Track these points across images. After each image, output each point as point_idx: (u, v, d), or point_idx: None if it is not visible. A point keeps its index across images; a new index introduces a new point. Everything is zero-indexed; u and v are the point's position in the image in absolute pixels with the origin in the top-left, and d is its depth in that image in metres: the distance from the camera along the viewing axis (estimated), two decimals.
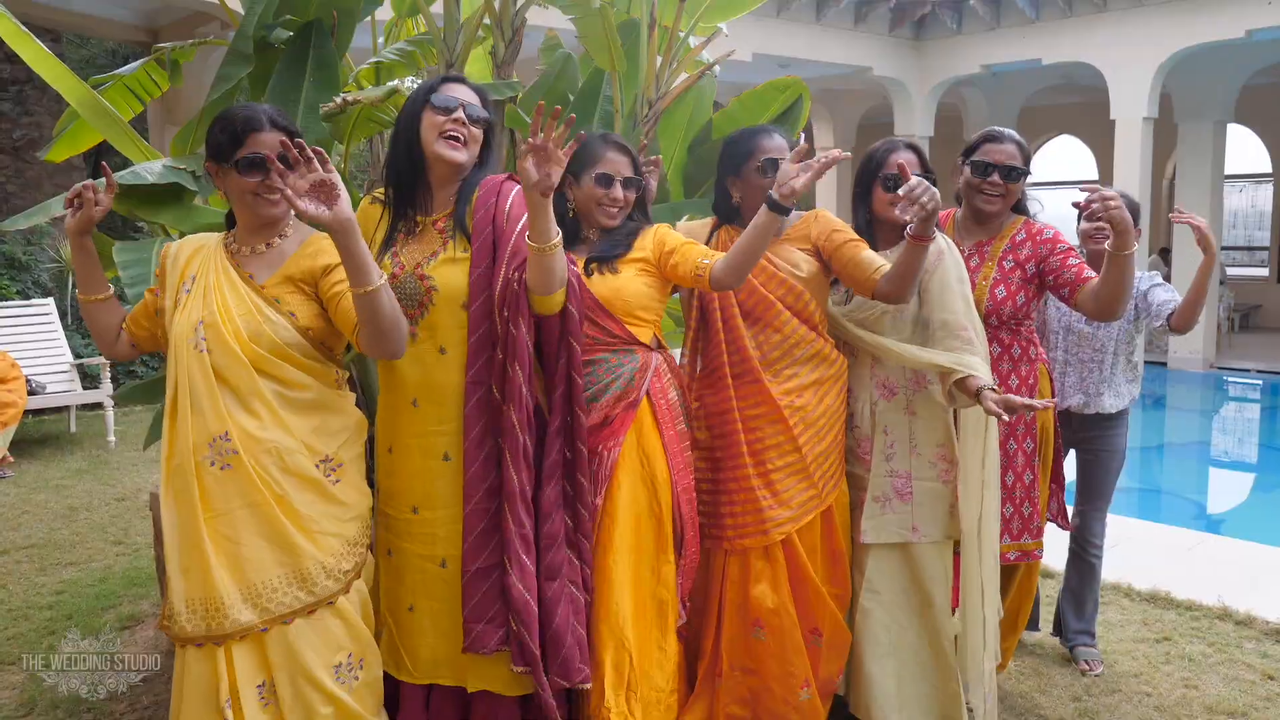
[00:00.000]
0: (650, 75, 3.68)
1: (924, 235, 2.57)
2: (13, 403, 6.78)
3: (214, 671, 2.29)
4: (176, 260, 2.46)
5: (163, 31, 9.43)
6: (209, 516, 2.28)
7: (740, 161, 2.90)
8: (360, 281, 2.18)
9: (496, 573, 2.52)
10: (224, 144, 2.34)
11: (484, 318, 2.49)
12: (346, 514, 2.41)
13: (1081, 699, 3.43)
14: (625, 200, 2.77)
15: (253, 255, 2.42)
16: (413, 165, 2.54)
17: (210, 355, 2.30)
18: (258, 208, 2.37)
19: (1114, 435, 3.61)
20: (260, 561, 2.28)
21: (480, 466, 2.51)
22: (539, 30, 4.07)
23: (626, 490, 2.69)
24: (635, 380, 2.72)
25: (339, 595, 2.37)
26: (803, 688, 2.84)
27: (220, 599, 2.25)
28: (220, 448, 2.28)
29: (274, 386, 2.33)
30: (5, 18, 3.11)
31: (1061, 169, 19.19)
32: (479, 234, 2.51)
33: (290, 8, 3.26)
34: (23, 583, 4.54)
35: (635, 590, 2.68)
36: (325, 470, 2.38)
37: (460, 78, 2.60)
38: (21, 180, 11.14)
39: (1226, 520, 7.47)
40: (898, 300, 2.72)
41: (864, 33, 12.88)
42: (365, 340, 2.27)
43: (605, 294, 2.70)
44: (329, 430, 2.41)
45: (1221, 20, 10.84)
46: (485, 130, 2.56)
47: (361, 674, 2.42)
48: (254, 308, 2.34)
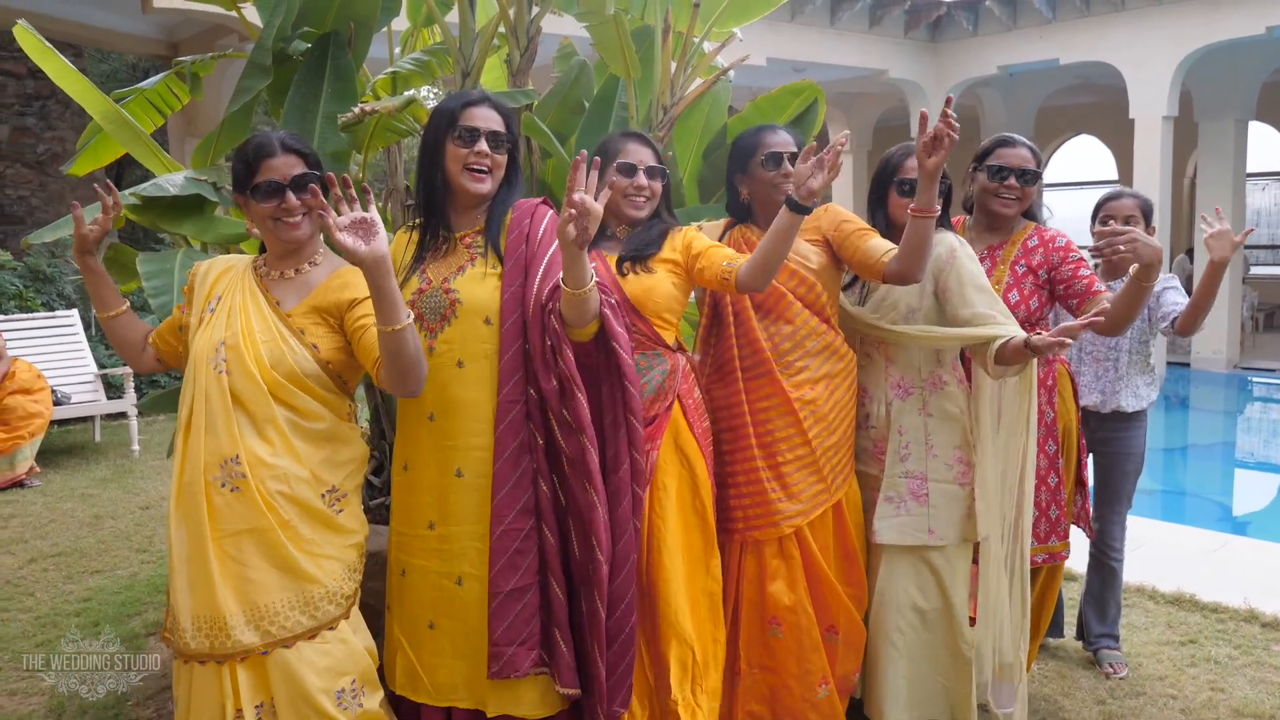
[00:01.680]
0: (665, 81, 3.69)
1: (927, 208, 2.56)
2: (39, 413, 6.86)
3: (219, 690, 2.29)
4: (205, 279, 2.48)
5: (182, 45, 9.54)
6: (216, 536, 2.28)
7: (746, 158, 2.92)
8: (388, 319, 2.18)
9: (531, 593, 2.50)
10: (241, 173, 2.38)
11: (517, 336, 2.50)
12: (348, 540, 2.41)
13: (1106, 702, 3.40)
14: (651, 189, 2.77)
15: (281, 280, 2.43)
16: (439, 189, 2.56)
17: (229, 377, 2.30)
18: (279, 231, 2.39)
19: (1130, 437, 3.59)
20: (265, 585, 2.28)
21: (514, 486, 2.49)
22: (554, 38, 4.09)
23: (673, 491, 2.71)
24: (667, 383, 2.74)
25: (340, 620, 2.37)
26: (821, 685, 2.84)
27: (224, 619, 2.25)
28: (230, 470, 2.28)
29: (288, 414, 2.33)
30: (30, 34, 3.16)
31: (1080, 169, 19.06)
32: (512, 253, 2.52)
33: (308, 20, 3.29)
34: (50, 590, 4.59)
35: (690, 587, 2.70)
36: (330, 500, 2.38)
37: (482, 98, 2.58)
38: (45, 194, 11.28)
39: (1252, 522, 7.41)
40: (908, 280, 2.69)
41: (879, 35, 12.85)
42: (386, 377, 2.29)
43: (637, 293, 2.71)
44: (337, 461, 2.41)
45: (1241, 17, 10.76)
46: (511, 150, 2.58)
47: (365, 701, 2.40)
48: (278, 334, 2.35)
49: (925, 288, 2.89)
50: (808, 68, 12.00)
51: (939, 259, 2.87)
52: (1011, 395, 2.87)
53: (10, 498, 6.38)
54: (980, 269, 2.90)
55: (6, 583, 4.70)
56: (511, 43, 3.55)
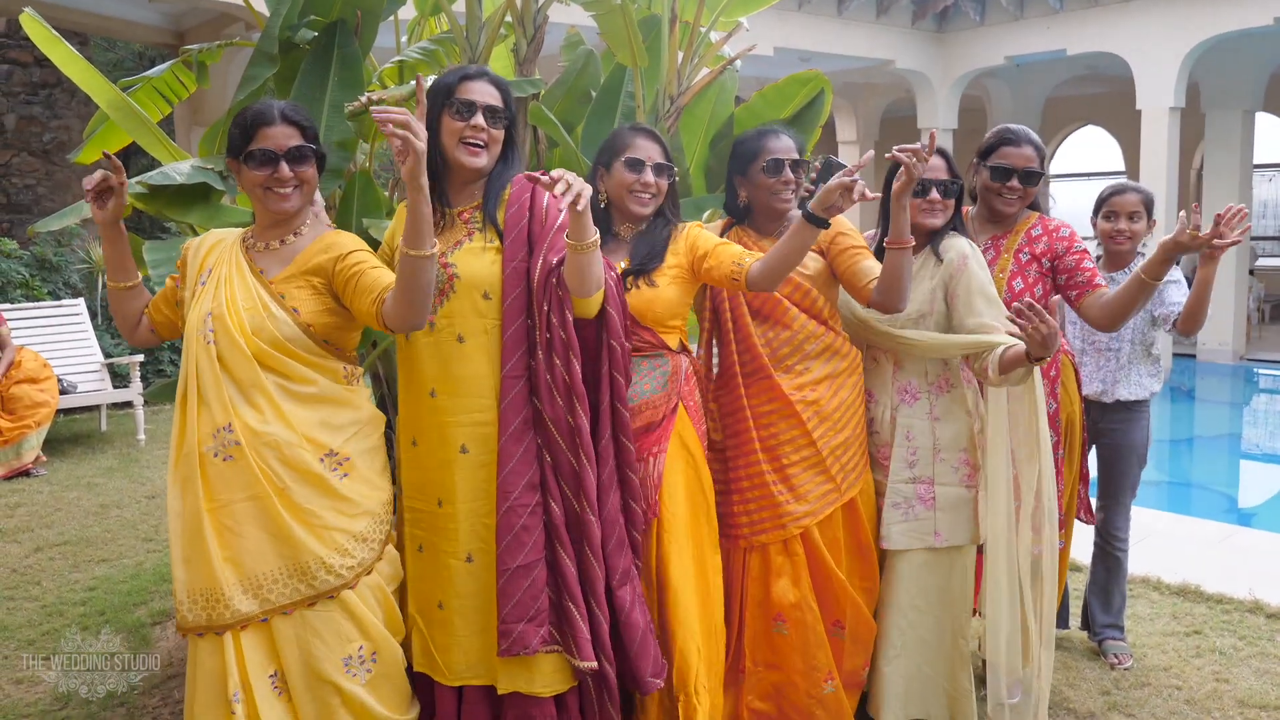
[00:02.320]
0: (672, 71, 3.68)
1: (898, 239, 2.60)
2: (45, 402, 6.87)
3: (222, 664, 2.31)
4: (197, 253, 2.49)
5: (189, 33, 9.52)
6: (211, 507, 2.30)
7: (747, 161, 2.92)
8: (418, 244, 2.19)
9: (539, 569, 2.51)
10: (237, 139, 2.38)
11: (520, 311, 2.50)
12: (353, 509, 2.41)
13: (1111, 693, 3.41)
14: (657, 187, 2.76)
15: (267, 251, 2.44)
16: (436, 163, 2.55)
17: (216, 347, 2.33)
18: (268, 201, 2.39)
19: (1133, 427, 3.59)
20: (260, 553, 2.30)
21: (519, 462, 2.50)
22: (560, 27, 4.08)
23: (682, 493, 2.71)
24: (669, 384, 2.74)
25: (342, 589, 2.37)
26: (827, 681, 2.85)
27: (220, 589, 2.28)
28: (223, 439, 2.30)
29: (276, 380, 2.35)
30: (36, 22, 3.15)
31: (1087, 160, 19.00)
32: (512, 228, 2.52)
33: (315, 8, 3.28)
34: (56, 579, 4.61)
35: (699, 585, 2.71)
36: (330, 465, 2.38)
37: (481, 72, 2.57)
38: (51, 182, 11.28)
39: (1257, 513, 7.40)
40: (890, 310, 2.72)
41: (886, 25, 12.80)
42: (395, 306, 2.27)
43: (639, 306, 2.71)
44: (334, 424, 2.41)
45: (1249, 8, 10.70)
46: (509, 125, 2.57)
47: (375, 667, 2.41)
48: (259, 301, 2.36)
49: (936, 293, 2.90)
50: (814, 57, 11.97)
51: (951, 265, 2.88)
52: (1019, 404, 2.87)
53: (16, 486, 6.39)
54: (989, 276, 2.91)
55: (12, 572, 4.72)
56: (518, 31, 3.54)
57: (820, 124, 3.79)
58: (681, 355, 2.80)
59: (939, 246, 2.93)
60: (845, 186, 2.44)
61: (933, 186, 2.88)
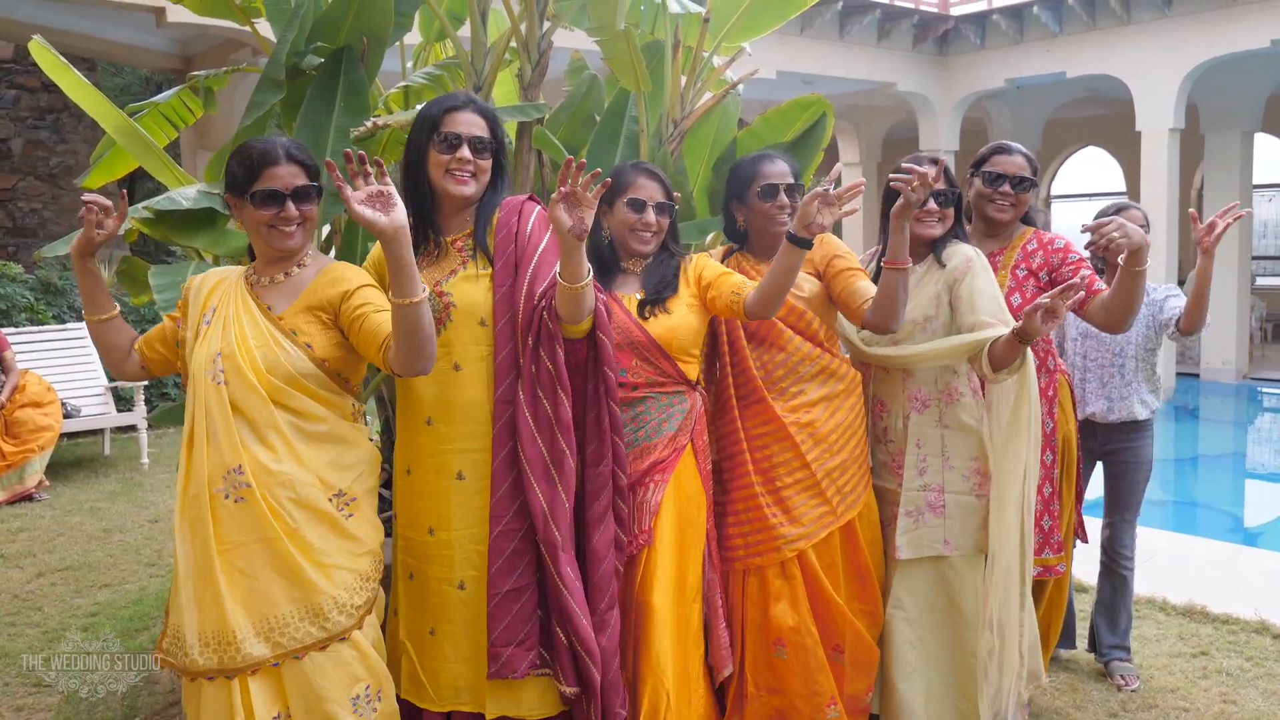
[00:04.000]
0: (675, 95, 3.70)
1: (896, 259, 2.61)
2: (49, 426, 6.88)
3: (230, 704, 2.28)
4: (199, 292, 2.46)
5: (196, 59, 9.59)
6: (222, 549, 2.27)
7: (743, 187, 2.93)
8: (405, 292, 2.16)
9: (529, 594, 2.51)
10: (240, 177, 2.36)
11: (510, 336, 2.51)
12: (359, 548, 2.39)
13: (1118, 715, 3.39)
14: (658, 225, 2.78)
15: (271, 286, 2.42)
16: (425, 193, 2.57)
17: (227, 387, 2.29)
18: (273, 240, 2.38)
19: (1138, 445, 3.60)
20: (272, 596, 2.27)
21: (511, 487, 2.50)
22: (565, 52, 4.11)
23: (670, 528, 2.69)
24: (684, 423, 2.75)
25: (352, 630, 2.35)
26: (829, 706, 2.83)
27: (232, 632, 2.24)
28: (234, 480, 2.27)
29: (289, 418, 2.32)
30: (44, 49, 3.18)
31: (1088, 181, 19.06)
32: (501, 253, 2.53)
33: (321, 34, 3.32)
34: (58, 605, 4.59)
35: (675, 626, 2.67)
36: (339, 505, 2.36)
37: (467, 101, 2.57)
38: (57, 206, 11.34)
39: (1263, 533, 7.37)
40: (884, 330, 2.73)
41: (888, 49, 12.89)
42: (398, 355, 2.26)
43: (661, 333, 2.71)
44: (343, 464, 2.40)
45: (1247, 30, 10.78)
46: (496, 152, 2.58)
47: (380, 705, 2.40)
48: (271, 338, 2.34)
49: (941, 297, 2.91)
50: (817, 80, 12.04)
51: (955, 269, 2.89)
52: (1009, 398, 2.86)
53: (19, 511, 6.39)
54: (993, 280, 2.92)
55: (14, 597, 4.71)
56: (523, 57, 3.57)
57: (823, 147, 3.82)
58: (697, 392, 2.81)
59: (942, 253, 2.95)
60: (821, 198, 2.45)
61: (929, 196, 2.89)
